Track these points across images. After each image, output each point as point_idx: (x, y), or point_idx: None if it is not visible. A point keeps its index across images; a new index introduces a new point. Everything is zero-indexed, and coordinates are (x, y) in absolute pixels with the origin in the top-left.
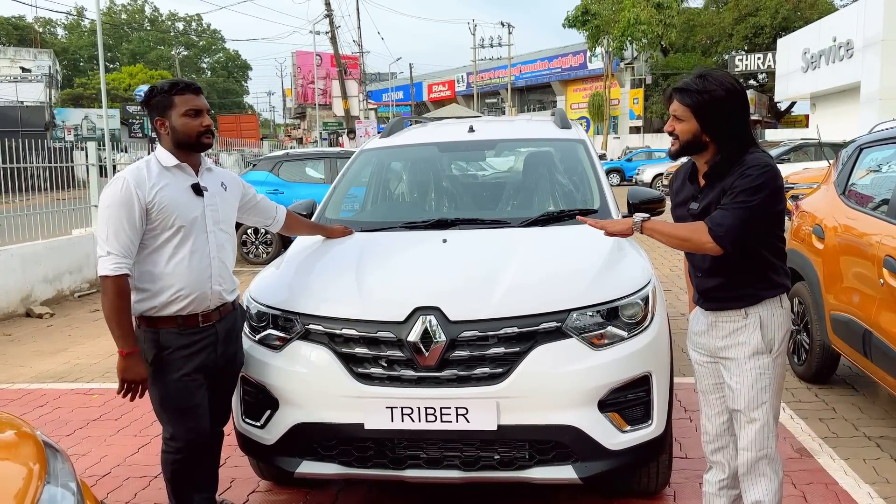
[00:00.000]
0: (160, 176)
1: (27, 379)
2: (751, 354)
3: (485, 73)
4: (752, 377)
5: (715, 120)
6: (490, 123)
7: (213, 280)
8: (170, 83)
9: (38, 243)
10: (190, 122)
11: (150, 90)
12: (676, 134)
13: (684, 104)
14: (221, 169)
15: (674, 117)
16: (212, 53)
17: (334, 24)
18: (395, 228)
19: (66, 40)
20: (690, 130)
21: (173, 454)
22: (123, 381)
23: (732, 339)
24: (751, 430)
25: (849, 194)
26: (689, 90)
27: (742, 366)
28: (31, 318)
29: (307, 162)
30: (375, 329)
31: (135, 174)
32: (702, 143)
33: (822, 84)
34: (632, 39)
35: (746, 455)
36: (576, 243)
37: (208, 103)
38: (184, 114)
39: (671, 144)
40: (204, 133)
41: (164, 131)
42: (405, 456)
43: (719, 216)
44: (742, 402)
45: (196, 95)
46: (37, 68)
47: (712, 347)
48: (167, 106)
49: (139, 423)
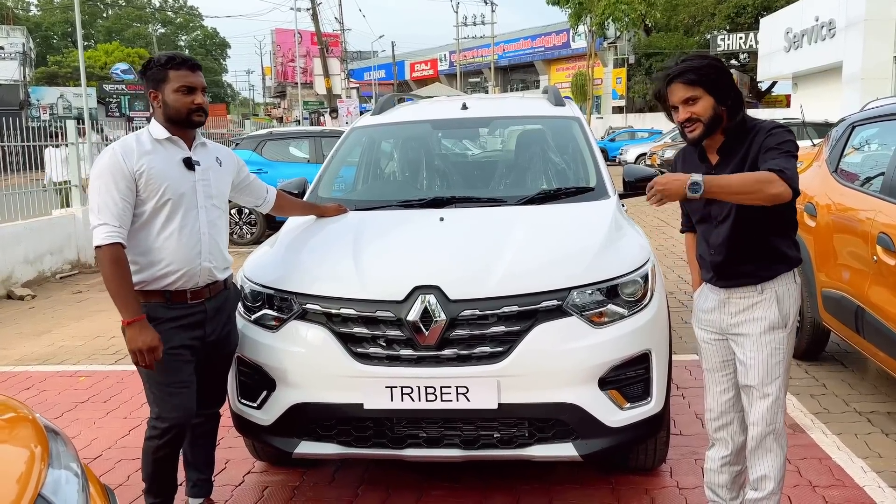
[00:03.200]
0: (152, 148)
1: (11, 362)
2: (767, 329)
3: (468, 52)
4: (767, 352)
5: (725, 88)
6: (483, 101)
7: (202, 256)
8: (167, 56)
9: (18, 224)
10: (182, 98)
11: (148, 61)
12: (696, 116)
13: (692, 83)
14: (217, 144)
15: (685, 102)
16: (189, 31)
17: (315, 1)
18: (391, 207)
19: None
20: (710, 106)
21: (157, 439)
22: (133, 352)
23: (747, 315)
24: (763, 405)
25: (841, 172)
26: (690, 69)
27: (758, 341)
28: (12, 300)
29: (291, 141)
30: (374, 308)
31: (123, 145)
32: (720, 117)
33: (805, 64)
34: (614, 19)
35: (756, 430)
36: (575, 222)
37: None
38: (176, 89)
39: (691, 130)
40: (195, 111)
41: (156, 104)
42: (405, 435)
43: (782, 161)
44: (756, 377)
45: (192, 72)
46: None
47: (723, 324)
48: (161, 79)
49: (129, 405)
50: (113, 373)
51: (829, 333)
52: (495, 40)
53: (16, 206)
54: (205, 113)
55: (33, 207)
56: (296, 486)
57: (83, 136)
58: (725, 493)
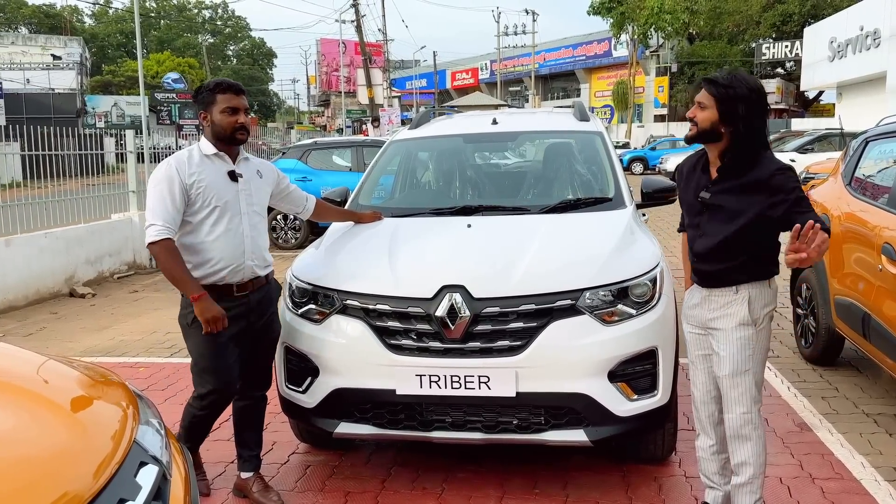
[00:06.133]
0: (201, 162)
1: (77, 353)
2: (737, 325)
3: (508, 61)
4: (737, 346)
5: (733, 113)
6: (512, 116)
7: (246, 255)
8: (215, 83)
9: (80, 227)
10: (227, 118)
11: (199, 87)
12: (696, 121)
13: (709, 93)
14: (259, 159)
15: (697, 104)
16: (238, 41)
17: (360, 13)
18: (424, 214)
19: (94, 28)
20: (710, 119)
21: (199, 400)
22: (206, 321)
23: (722, 311)
24: (734, 394)
25: (854, 185)
26: (717, 82)
27: (729, 335)
28: (74, 297)
29: (334, 150)
30: (406, 305)
31: (178, 158)
32: (717, 133)
33: (849, 73)
34: (656, 28)
35: (730, 418)
36: (591, 228)
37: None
38: (223, 111)
39: (689, 129)
40: (238, 129)
41: (206, 124)
42: (432, 419)
43: (812, 215)
44: (727, 368)
45: (236, 95)
46: (67, 56)
47: (703, 319)
48: (210, 102)
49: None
50: (169, 364)
51: (843, 340)
52: (536, 49)
53: (78, 210)
54: (247, 131)
55: (91, 211)
56: (335, 465)
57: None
58: (718, 479)
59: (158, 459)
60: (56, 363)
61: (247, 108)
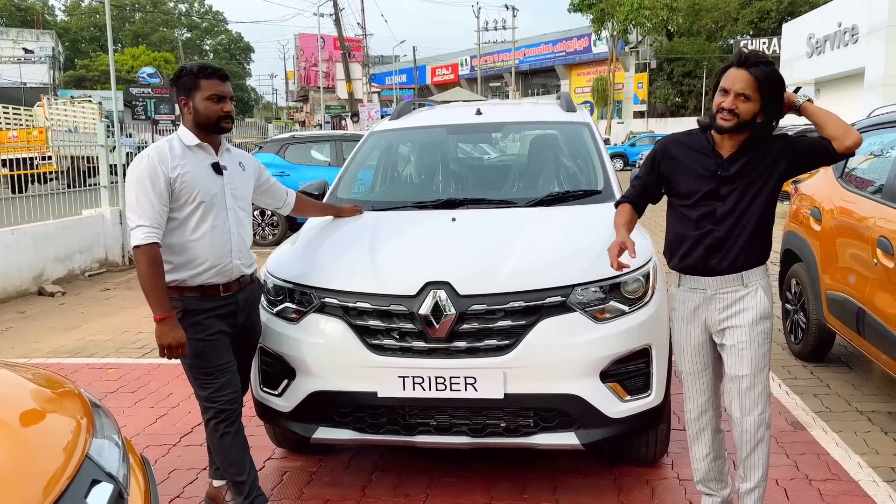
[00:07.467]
0: (182, 153)
1: (43, 354)
2: (758, 319)
3: (488, 57)
4: (759, 341)
5: (774, 101)
6: (497, 106)
7: (233, 254)
8: (199, 66)
9: (49, 223)
10: (212, 106)
11: (180, 70)
12: (738, 112)
13: (756, 83)
14: (239, 150)
15: (738, 95)
16: (214, 35)
17: (338, 7)
18: (406, 208)
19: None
20: (753, 111)
21: (214, 419)
22: (162, 347)
23: (736, 308)
24: (753, 394)
25: (846, 178)
26: (766, 68)
27: (750, 331)
28: (43, 296)
29: (313, 145)
30: (388, 302)
31: (157, 150)
32: (753, 122)
33: (827, 69)
34: (636, 24)
35: (748, 420)
36: (580, 222)
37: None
38: (207, 98)
39: (725, 119)
40: (223, 118)
41: (187, 111)
42: (416, 423)
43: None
44: (748, 366)
45: (221, 82)
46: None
47: (713, 321)
48: (193, 88)
49: (156, 396)
50: (140, 365)
51: (834, 336)
52: (516, 45)
53: (47, 206)
54: (232, 120)
55: (63, 207)
56: (313, 471)
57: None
58: (716, 485)
59: (114, 476)
60: (6, 371)
61: (232, 96)
